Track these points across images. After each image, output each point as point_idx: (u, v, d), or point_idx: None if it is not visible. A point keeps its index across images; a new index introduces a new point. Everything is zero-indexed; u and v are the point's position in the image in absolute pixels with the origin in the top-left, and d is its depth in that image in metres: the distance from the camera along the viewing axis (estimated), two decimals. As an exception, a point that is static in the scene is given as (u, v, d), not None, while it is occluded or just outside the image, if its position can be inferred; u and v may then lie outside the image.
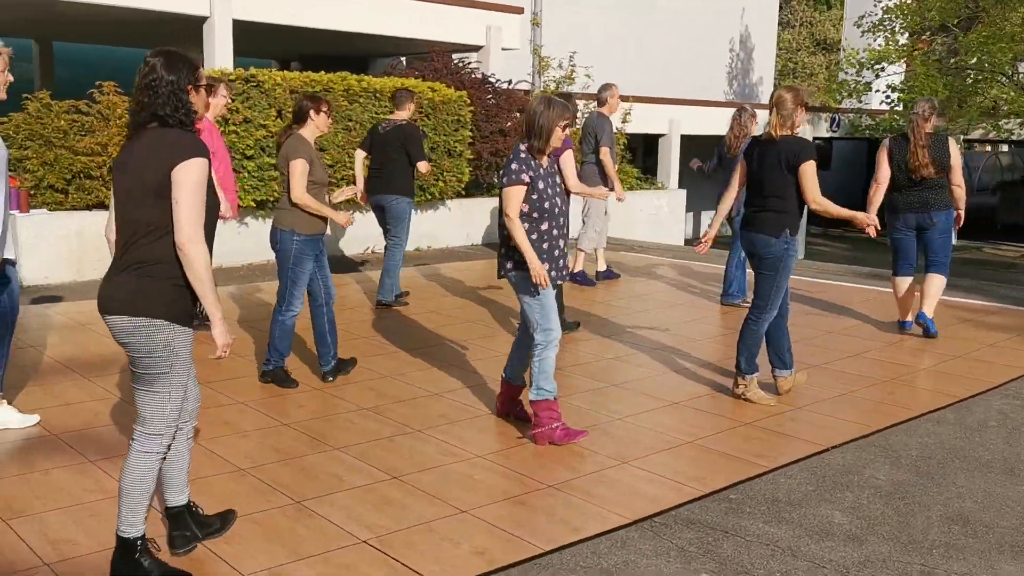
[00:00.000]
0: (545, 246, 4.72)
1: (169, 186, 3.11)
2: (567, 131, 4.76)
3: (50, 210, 8.89)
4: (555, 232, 4.76)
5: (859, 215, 5.59)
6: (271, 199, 9.68)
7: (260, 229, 9.99)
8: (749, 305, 5.75)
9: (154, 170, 3.12)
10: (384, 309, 7.93)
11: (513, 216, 4.62)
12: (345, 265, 10.09)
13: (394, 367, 6.20)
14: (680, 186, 16.92)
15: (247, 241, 9.88)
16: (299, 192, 5.55)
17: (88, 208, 9.08)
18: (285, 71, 9.80)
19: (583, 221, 9.37)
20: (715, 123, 18.48)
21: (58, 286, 8.62)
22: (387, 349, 6.67)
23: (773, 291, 5.49)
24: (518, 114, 12.66)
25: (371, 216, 8.91)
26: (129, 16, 11.32)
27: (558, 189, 4.79)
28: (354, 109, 10.18)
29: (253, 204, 9.59)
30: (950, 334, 7.48)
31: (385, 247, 8.00)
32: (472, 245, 12.01)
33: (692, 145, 23.42)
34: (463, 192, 11.86)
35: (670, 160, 17.05)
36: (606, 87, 8.97)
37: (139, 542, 3.24)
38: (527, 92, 13.44)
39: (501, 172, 4.72)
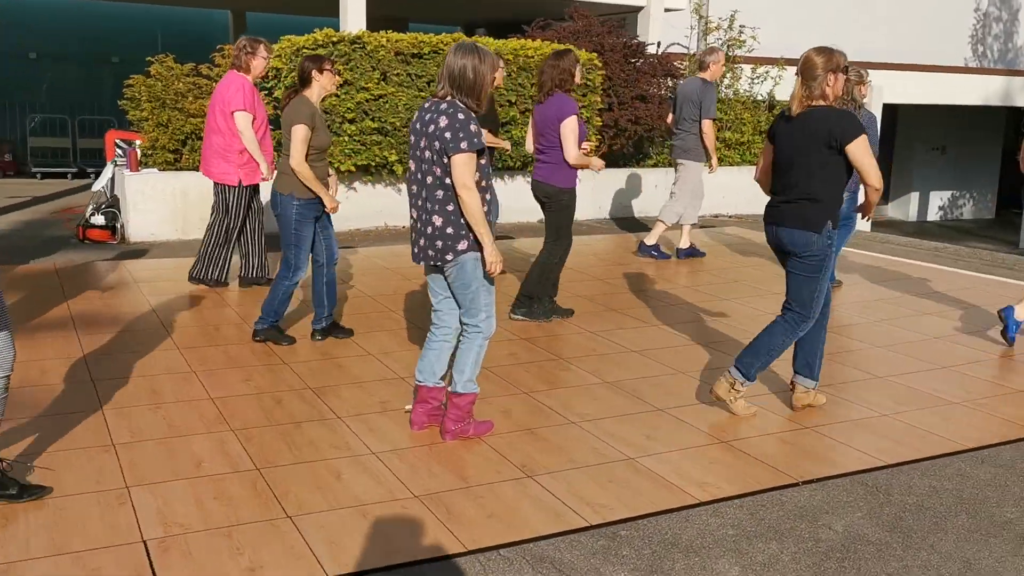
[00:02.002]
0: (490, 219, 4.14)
1: None
2: (496, 85, 4.12)
3: (160, 170, 9.19)
4: (488, 205, 4.14)
5: None
6: (373, 163, 9.51)
7: (366, 194, 9.87)
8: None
9: None
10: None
11: (472, 186, 3.95)
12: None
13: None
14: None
15: (352, 208, 9.78)
16: (297, 159, 5.40)
17: (196, 169, 9.31)
18: (392, 32, 9.52)
19: (671, 193, 8.63)
20: (942, 91, 16.51)
21: (162, 243, 8.90)
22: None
23: (815, 296, 4.54)
24: (670, 80, 11.76)
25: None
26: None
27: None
28: (465, 72, 9.75)
29: (354, 168, 9.45)
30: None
31: None
32: (603, 220, 11.30)
33: (916, 116, 21.24)
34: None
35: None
36: (710, 51, 8.11)
37: None
38: (685, 56, 12.44)
39: (449, 135, 3.91)
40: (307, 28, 9.48)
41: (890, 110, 17.79)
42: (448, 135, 3.89)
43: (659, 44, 12.02)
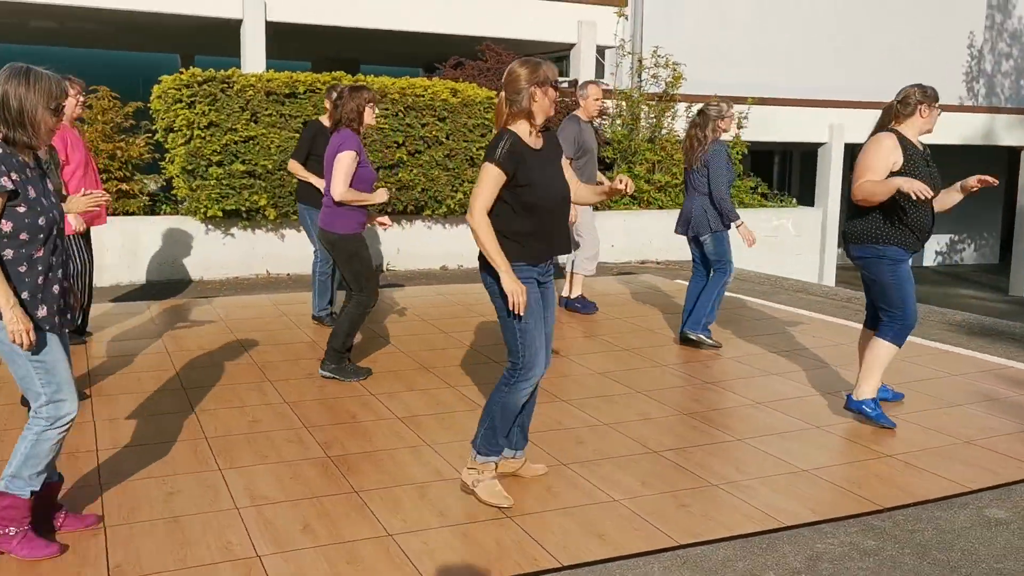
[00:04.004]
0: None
1: None
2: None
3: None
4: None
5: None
6: (243, 208, 8.98)
7: (245, 240, 9.32)
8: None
9: None
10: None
11: None
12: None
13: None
14: (846, 207, 14.31)
15: (230, 254, 9.23)
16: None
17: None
18: (266, 72, 9.04)
19: (576, 238, 7.76)
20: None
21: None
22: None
23: (515, 341, 3.82)
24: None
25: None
26: (168, 21, 11.17)
27: None
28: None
29: (220, 214, 8.91)
30: None
31: None
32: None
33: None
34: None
35: (829, 174, 14.46)
36: (583, 85, 7.44)
37: None
38: (609, 94, 11.82)
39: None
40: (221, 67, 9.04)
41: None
42: None
43: (575, 82, 11.40)
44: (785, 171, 20.41)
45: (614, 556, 3.47)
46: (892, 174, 4.54)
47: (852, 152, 16.13)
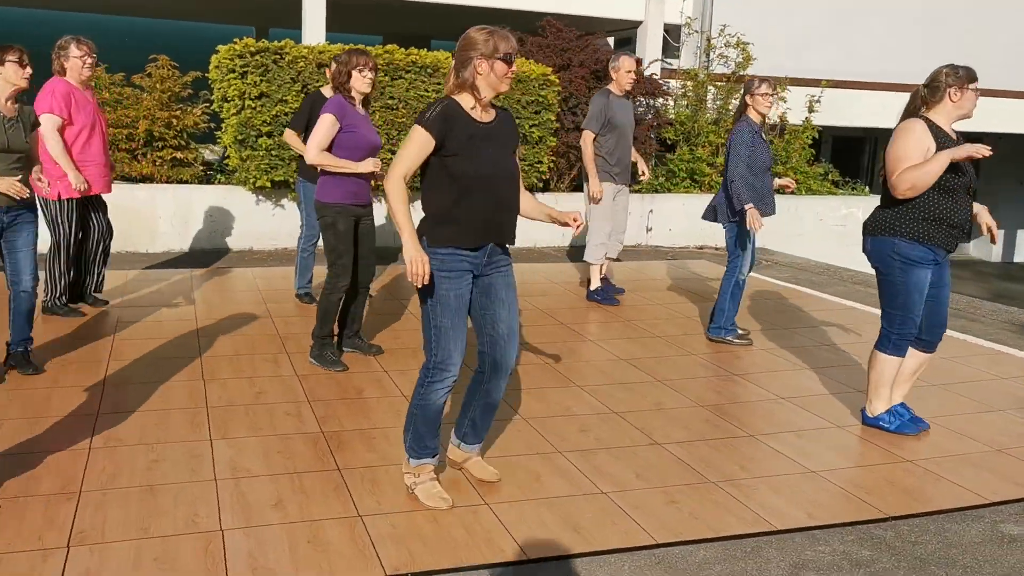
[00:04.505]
0: None
1: None
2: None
3: (73, 181, 8.92)
4: None
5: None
6: (292, 179, 9.01)
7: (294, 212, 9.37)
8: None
9: None
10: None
11: None
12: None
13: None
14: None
15: (282, 225, 9.30)
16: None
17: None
18: (319, 44, 9.03)
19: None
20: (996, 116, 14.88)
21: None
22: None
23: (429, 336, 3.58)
24: (641, 99, 10.87)
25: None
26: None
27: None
28: (396, 86, 9.16)
29: (269, 185, 8.96)
30: None
31: None
32: (558, 247, 10.45)
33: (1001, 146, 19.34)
34: (542, 185, 10.35)
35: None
36: (615, 57, 7.11)
37: None
38: (675, 73, 11.50)
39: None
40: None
41: (974, 141, 16.22)
42: None
43: (640, 61, 11.11)
44: (870, 158, 19.71)
45: (586, 551, 3.32)
46: None
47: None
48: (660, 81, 11.15)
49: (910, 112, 4.34)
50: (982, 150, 3.97)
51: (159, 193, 8.98)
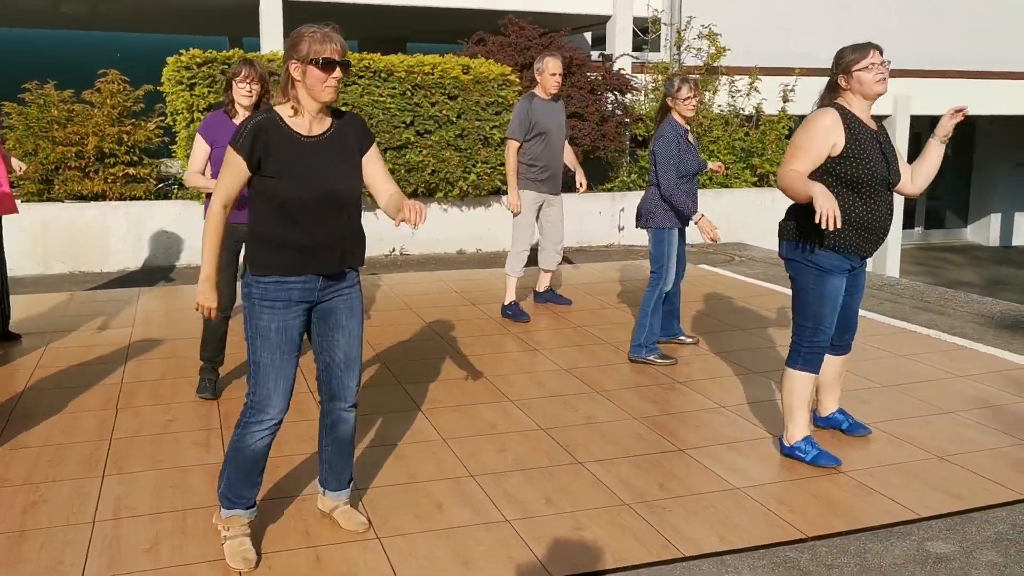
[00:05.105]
0: None
1: None
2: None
3: (23, 201, 8.77)
4: None
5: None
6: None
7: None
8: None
9: None
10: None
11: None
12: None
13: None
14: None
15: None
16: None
17: (62, 200, 8.84)
18: (268, 52, 8.84)
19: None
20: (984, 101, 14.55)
21: (19, 279, 8.46)
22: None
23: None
24: (612, 95, 10.64)
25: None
26: (178, 4, 11.09)
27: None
28: (349, 92, 8.96)
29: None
30: None
31: None
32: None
33: (999, 129, 18.97)
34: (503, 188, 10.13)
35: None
36: (539, 58, 6.54)
37: None
38: (645, 68, 11.25)
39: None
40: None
41: (968, 123, 15.92)
42: None
43: (608, 56, 10.90)
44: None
45: (471, 589, 3.10)
46: (831, 159, 3.87)
47: (917, 126, 15.14)
48: (629, 76, 10.90)
49: (823, 100, 4.03)
50: (834, 222, 3.49)
51: (110, 211, 8.80)
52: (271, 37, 10.58)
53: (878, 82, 3.84)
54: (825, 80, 4.03)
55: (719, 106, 11.51)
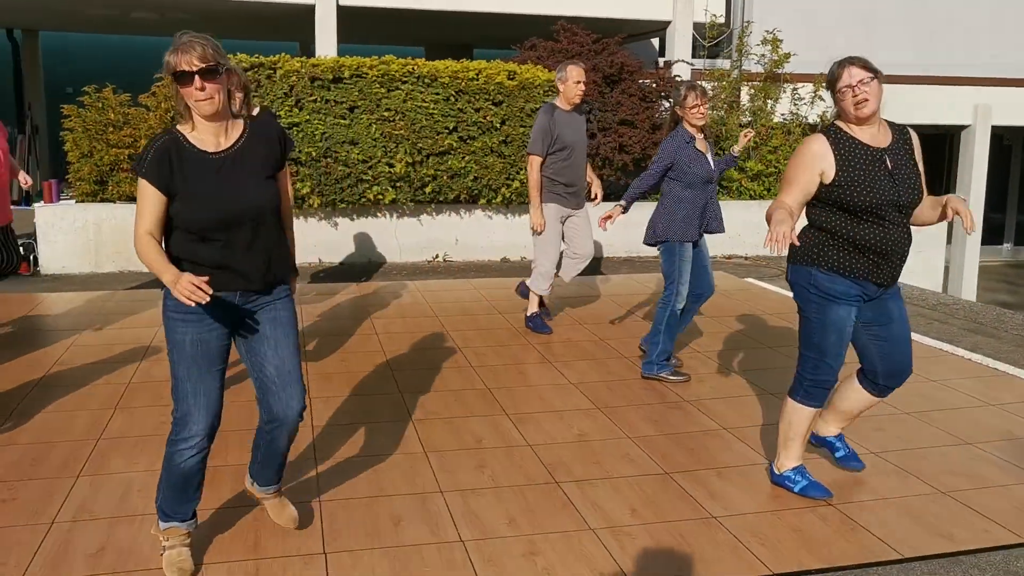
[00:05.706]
0: None
1: None
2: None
3: (77, 201, 9.04)
4: None
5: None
6: (289, 196, 8.91)
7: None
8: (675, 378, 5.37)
9: None
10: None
11: None
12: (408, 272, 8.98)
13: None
14: (985, 197, 12.79)
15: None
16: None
17: (115, 201, 9.07)
18: (311, 58, 8.92)
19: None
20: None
21: (72, 276, 8.72)
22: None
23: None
24: (666, 103, 10.42)
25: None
26: (243, 10, 11.28)
27: None
28: (393, 97, 8.96)
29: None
30: None
31: None
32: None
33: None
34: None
35: (972, 161, 12.96)
36: (561, 67, 6.27)
37: None
38: (703, 75, 10.99)
39: None
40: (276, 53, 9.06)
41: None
42: None
43: (664, 63, 10.67)
44: (948, 158, 18.61)
45: (402, 613, 3.00)
46: (824, 187, 3.55)
47: (998, 136, 14.43)
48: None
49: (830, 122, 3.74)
50: (777, 245, 3.25)
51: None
52: (326, 42, 10.69)
53: (857, 106, 3.50)
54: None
55: (781, 115, 11.16)
